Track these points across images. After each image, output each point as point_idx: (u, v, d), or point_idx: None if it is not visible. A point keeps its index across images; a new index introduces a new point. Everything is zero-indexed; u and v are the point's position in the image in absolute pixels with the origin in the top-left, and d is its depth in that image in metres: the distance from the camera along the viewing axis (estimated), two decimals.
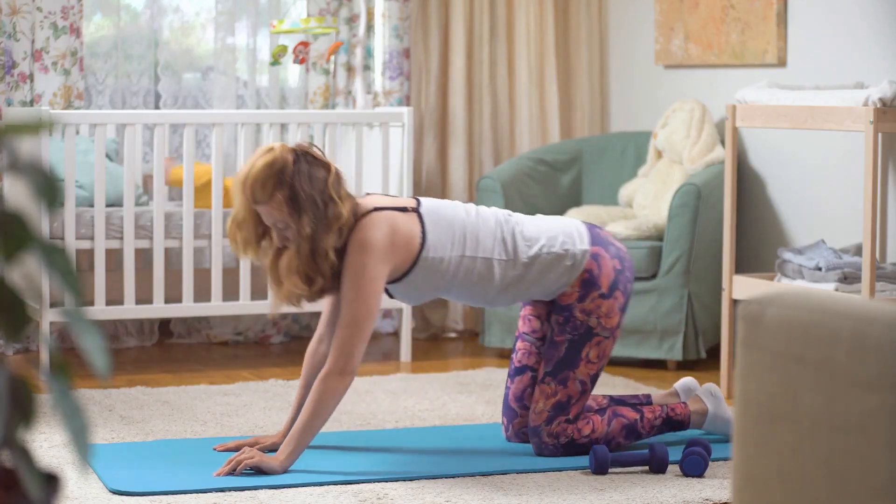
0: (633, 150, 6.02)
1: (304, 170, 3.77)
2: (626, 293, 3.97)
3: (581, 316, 3.93)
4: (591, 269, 3.93)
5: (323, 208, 3.75)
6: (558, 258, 3.91)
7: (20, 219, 1.43)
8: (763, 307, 1.95)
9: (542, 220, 4.00)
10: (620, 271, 3.96)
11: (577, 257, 3.92)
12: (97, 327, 1.49)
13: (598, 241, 3.97)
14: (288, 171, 3.74)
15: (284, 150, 3.78)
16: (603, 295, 3.92)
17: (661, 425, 4.06)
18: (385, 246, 3.77)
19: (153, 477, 3.62)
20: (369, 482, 3.63)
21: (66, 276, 1.44)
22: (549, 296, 3.99)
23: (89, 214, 5.25)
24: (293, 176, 3.74)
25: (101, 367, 1.44)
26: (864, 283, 4.48)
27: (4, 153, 1.45)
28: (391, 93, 6.19)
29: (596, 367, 3.95)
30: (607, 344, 3.95)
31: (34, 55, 5.59)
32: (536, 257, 3.90)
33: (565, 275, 3.92)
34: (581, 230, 3.98)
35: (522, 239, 3.92)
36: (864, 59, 5.12)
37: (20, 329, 1.45)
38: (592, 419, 3.98)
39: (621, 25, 6.38)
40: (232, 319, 6.00)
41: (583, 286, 3.93)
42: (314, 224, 3.73)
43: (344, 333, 3.74)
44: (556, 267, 3.91)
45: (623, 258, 4.00)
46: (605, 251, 3.96)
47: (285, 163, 3.75)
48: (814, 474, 1.83)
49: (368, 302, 3.74)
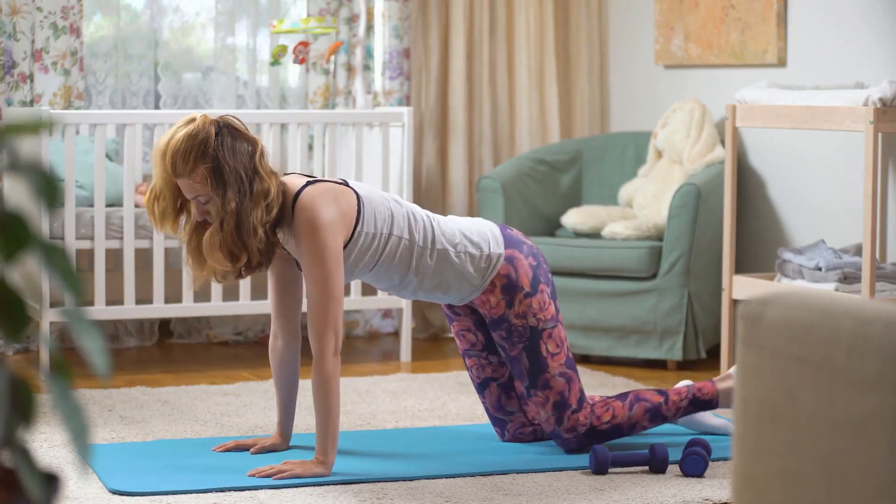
0: (633, 150, 6.02)
1: (227, 142, 3.65)
2: (549, 282, 3.96)
3: (518, 321, 3.90)
4: (509, 274, 3.89)
5: (248, 183, 3.63)
6: (472, 258, 3.86)
7: (20, 219, 1.43)
8: (763, 307, 1.95)
9: (458, 220, 3.95)
10: (537, 266, 3.93)
11: (491, 259, 3.88)
12: (97, 327, 1.49)
13: (511, 243, 3.92)
14: (210, 143, 3.63)
15: (206, 122, 3.67)
16: (528, 294, 3.90)
17: (688, 406, 4.03)
18: (335, 217, 3.67)
19: (153, 477, 3.62)
20: (369, 482, 3.62)
21: (66, 276, 1.44)
22: (462, 299, 3.93)
23: (89, 214, 5.25)
24: (216, 148, 3.63)
25: (101, 367, 1.44)
26: (864, 283, 4.48)
27: (4, 153, 1.45)
28: (391, 93, 6.19)
29: (562, 354, 3.93)
30: (557, 330, 3.93)
31: (34, 55, 5.59)
32: (451, 252, 3.84)
33: (478, 276, 3.87)
34: (496, 232, 3.93)
35: (441, 233, 3.87)
36: (864, 59, 5.12)
37: (20, 329, 1.45)
38: (612, 405, 3.97)
39: (621, 25, 6.38)
40: (232, 319, 6.00)
41: (505, 292, 3.89)
42: (239, 198, 3.62)
43: (321, 315, 3.65)
44: (468, 266, 3.86)
45: (536, 254, 3.97)
46: (520, 252, 3.92)
47: (208, 134, 3.64)
48: (813, 474, 1.83)
49: (336, 278, 3.65)
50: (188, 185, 3.65)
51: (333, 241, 3.67)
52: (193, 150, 3.63)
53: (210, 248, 3.65)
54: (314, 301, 3.66)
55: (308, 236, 3.65)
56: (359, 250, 3.76)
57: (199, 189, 3.64)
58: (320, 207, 3.66)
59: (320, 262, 3.65)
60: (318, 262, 3.65)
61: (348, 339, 6.14)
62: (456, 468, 3.77)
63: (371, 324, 6.27)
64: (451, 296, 3.93)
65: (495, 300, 3.90)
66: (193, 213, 3.71)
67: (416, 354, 5.71)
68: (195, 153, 3.63)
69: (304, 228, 3.65)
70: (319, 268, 3.65)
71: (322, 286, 3.65)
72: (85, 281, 5.34)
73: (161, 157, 3.66)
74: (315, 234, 3.65)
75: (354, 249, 3.75)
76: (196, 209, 3.69)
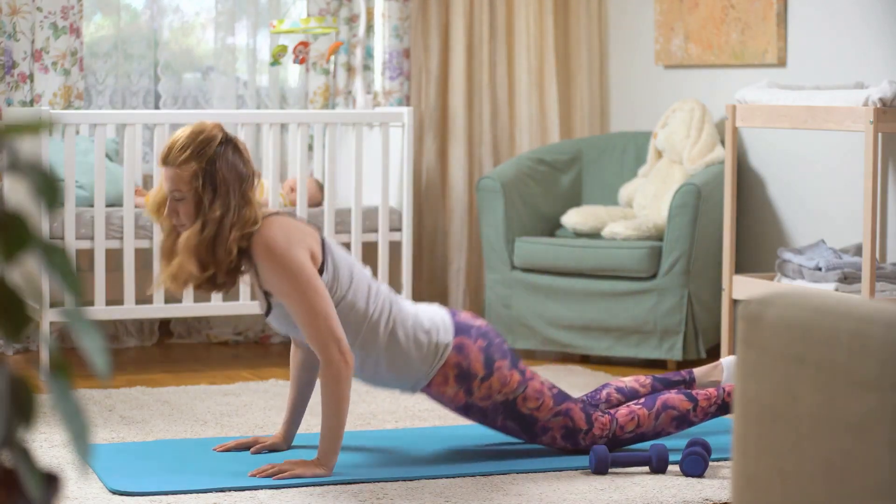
0: (633, 150, 6.02)
1: (228, 154, 3.64)
2: (506, 354, 3.85)
3: (486, 402, 3.83)
4: (459, 363, 3.79)
5: (237, 201, 3.61)
6: (419, 345, 3.76)
7: (20, 219, 1.43)
8: (763, 307, 1.95)
9: (415, 306, 3.85)
10: (488, 345, 3.83)
11: (438, 348, 3.78)
12: (97, 327, 1.49)
13: (460, 330, 3.81)
14: (212, 146, 3.62)
15: (216, 127, 3.67)
16: (484, 377, 3.80)
17: (717, 411, 3.99)
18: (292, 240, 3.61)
19: (153, 477, 3.62)
20: (369, 482, 3.62)
21: (66, 276, 1.44)
22: (404, 385, 3.82)
23: (89, 214, 5.25)
24: (216, 153, 3.62)
25: (101, 367, 1.44)
26: (864, 283, 4.48)
27: (4, 153, 1.45)
28: (391, 93, 6.19)
29: (546, 400, 3.85)
30: (531, 387, 3.85)
31: (34, 55, 5.59)
32: (400, 335, 3.74)
33: (424, 364, 3.77)
34: (446, 320, 3.81)
35: (397, 311, 3.76)
36: (864, 59, 5.12)
37: (20, 329, 1.45)
38: (637, 413, 3.92)
39: (621, 25, 6.38)
40: (232, 319, 6.00)
41: (460, 381, 3.80)
42: (223, 210, 3.59)
43: (313, 335, 3.60)
44: (414, 352, 3.76)
45: (486, 332, 3.85)
46: (468, 337, 3.81)
47: (212, 137, 3.64)
48: (813, 474, 1.83)
49: (313, 293, 3.59)
50: (173, 175, 3.63)
51: (296, 257, 3.60)
52: (192, 145, 3.62)
53: (185, 248, 3.61)
54: (302, 323, 3.62)
55: (268, 264, 3.60)
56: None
57: (181, 184, 3.61)
58: (275, 231, 3.61)
59: (289, 283, 3.59)
60: (287, 282, 3.60)
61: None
62: (456, 468, 3.76)
63: None
64: (394, 383, 3.83)
65: (452, 391, 3.81)
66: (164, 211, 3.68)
67: None
68: (193, 148, 3.62)
69: (263, 258, 3.60)
70: (291, 288, 3.59)
71: (300, 303, 3.60)
72: (85, 281, 5.34)
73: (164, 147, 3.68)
74: (272, 258, 3.59)
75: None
76: (168, 205, 3.66)
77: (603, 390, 4.10)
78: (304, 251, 3.62)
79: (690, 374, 4.18)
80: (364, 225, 5.61)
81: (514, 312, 5.62)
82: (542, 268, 5.57)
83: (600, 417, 3.91)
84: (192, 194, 3.61)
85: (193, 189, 3.61)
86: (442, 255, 6.24)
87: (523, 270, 5.63)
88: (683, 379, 4.16)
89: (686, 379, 4.16)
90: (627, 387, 4.11)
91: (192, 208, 3.62)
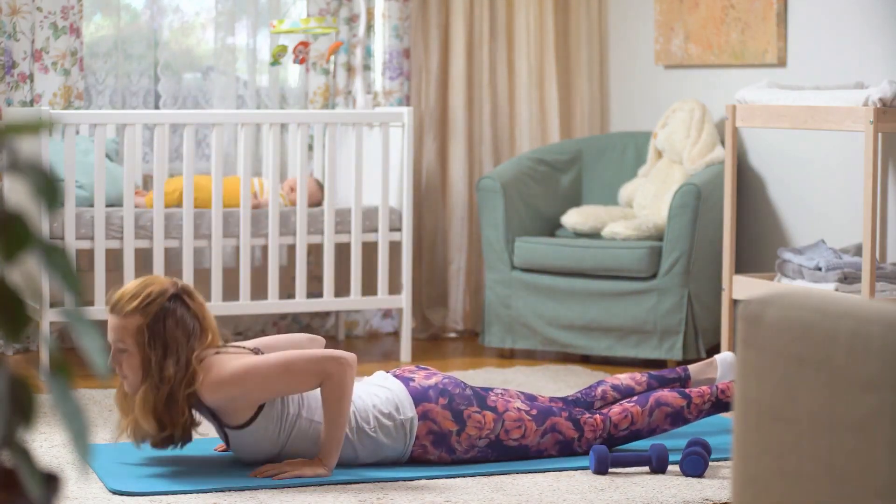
0: (633, 150, 6.02)
1: (177, 310, 3.57)
2: (471, 399, 3.82)
3: (473, 453, 3.81)
4: (431, 429, 3.77)
5: (186, 358, 3.55)
6: (385, 430, 3.73)
7: (20, 219, 1.43)
8: (763, 307, 1.95)
9: (371, 394, 3.79)
10: (450, 402, 3.80)
11: (405, 426, 3.76)
12: (97, 327, 1.49)
13: (419, 399, 3.79)
14: (159, 301, 3.55)
15: (166, 282, 3.60)
16: (459, 431, 3.79)
17: (711, 409, 3.99)
18: (224, 365, 3.56)
19: (153, 477, 3.62)
20: (369, 482, 3.62)
21: (66, 276, 1.44)
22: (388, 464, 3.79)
23: (89, 214, 5.25)
24: (164, 308, 3.55)
25: (101, 367, 1.44)
26: (864, 283, 4.48)
27: (4, 153, 1.45)
28: (391, 93, 6.19)
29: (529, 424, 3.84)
30: (508, 418, 3.83)
31: (34, 55, 5.59)
32: (364, 427, 3.72)
33: (398, 444, 3.75)
34: (402, 396, 3.78)
35: (357, 407, 3.73)
36: (864, 59, 5.12)
37: (20, 329, 1.45)
38: (631, 411, 3.92)
39: (621, 25, 6.38)
40: (232, 319, 5.99)
41: (438, 445, 3.79)
42: (176, 370, 3.54)
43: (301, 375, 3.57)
44: (384, 438, 3.73)
45: (444, 388, 3.82)
46: (428, 401, 3.79)
47: (161, 291, 3.56)
48: (814, 474, 1.83)
49: (266, 365, 3.56)
50: (118, 324, 3.56)
51: (239, 368, 3.55)
52: (140, 297, 3.55)
53: (142, 408, 3.55)
54: (288, 384, 3.59)
55: (219, 393, 3.54)
56: (265, 422, 3.64)
57: (126, 336, 3.55)
58: (214, 372, 3.55)
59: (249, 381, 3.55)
60: (247, 385, 3.55)
61: (348, 338, 6.14)
62: (456, 468, 3.76)
63: (371, 324, 6.27)
64: (376, 463, 3.79)
65: (435, 456, 3.80)
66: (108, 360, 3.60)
67: (416, 354, 5.71)
68: (140, 300, 3.55)
69: (212, 393, 3.54)
70: (253, 384, 3.55)
71: (275, 380, 3.56)
72: (85, 281, 5.34)
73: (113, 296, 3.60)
74: (223, 387, 3.54)
75: (263, 422, 3.63)
76: (112, 355, 3.59)
77: (598, 387, 4.10)
78: (244, 367, 3.57)
79: (686, 372, 4.18)
80: (364, 225, 5.61)
81: (514, 312, 5.62)
82: (542, 268, 5.57)
83: (589, 420, 3.91)
84: (136, 349, 3.55)
85: (138, 344, 3.55)
86: (442, 255, 6.24)
87: (523, 270, 5.63)
88: (679, 376, 4.16)
89: (681, 376, 4.16)
90: (623, 384, 4.11)
91: (137, 362, 3.56)
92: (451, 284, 6.22)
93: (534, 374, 5.22)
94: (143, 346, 3.54)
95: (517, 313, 5.61)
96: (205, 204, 5.44)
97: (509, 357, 5.68)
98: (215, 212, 5.34)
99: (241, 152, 5.39)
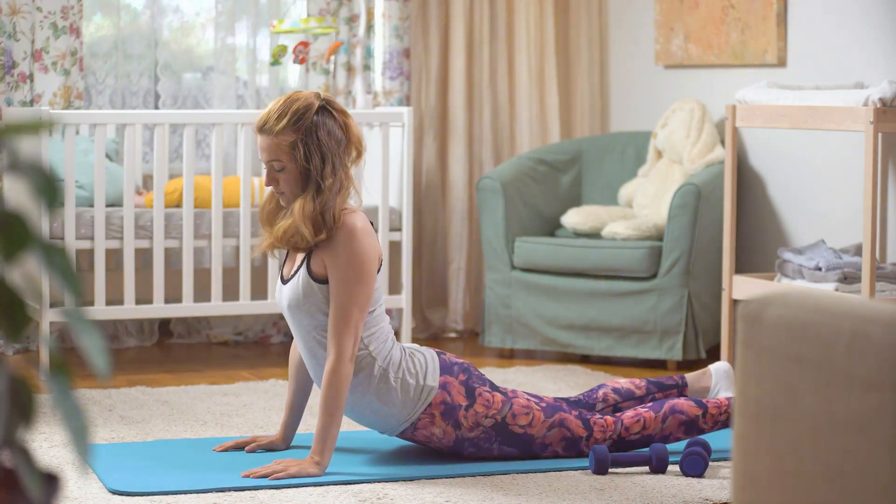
0: (633, 150, 6.02)
1: (326, 122, 3.66)
2: (484, 381, 3.85)
3: (478, 432, 3.81)
4: (444, 400, 3.77)
5: (341, 167, 3.66)
6: (405, 386, 3.75)
7: (20, 219, 1.43)
8: (763, 307, 1.95)
9: (406, 348, 3.83)
10: (468, 378, 3.82)
11: (424, 391, 3.76)
12: (97, 327, 1.49)
13: (444, 370, 3.80)
14: (308, 115, 3.64)
15: (311, 95, 3.69)
16: (468, 406, 3.79)
17: (727, 421, 3.91)
18: (370, 235, 3.68)
19: (153, 477, 3.62)
20: (369, 482, 3.62)
21: (66, 276, 1.44)
22: (383, 425, 3.82)
23: (89, 214, 5.25)
24: (314, 122, 3.64)
25: (101, 367, 1.44)
26: (864, 283, 4.49)
27: (4, 153, 1.45)
28: (391, 93, 6.19)
29: (537, 414, 3.83)
30: (517, 403, 3.84)
31: (34, 55, 5.59)
32: (389, 373, 3.73)
33: (406, 408, 3.76)
34: (432, 366, 3.79)
35: (395, 351, 3.77)
36: (864, 59, 5.12)
37: (20, 329, 1.45)
38: (644, 416, 3.88)
39: (621, 25, 6.38)
40: (232, 319, 6.00)
41: (446, 417, 3.78)
42: (333, 178, 3.64)
43: (343, 318, 3.62)
44: (400, 394, 3.74)
45: (466, 367, 3.85)
46: (451, 375, 3.79)
47: (307, 105, 3.65)
48: (813, 474, 1.83)
49: (365, 286, 3.65)
50: (271, 144, 3.65)
51: (369, 252, 3.66)
52: (289, 114, 3.64)
53: (302, 214, 3.63)
54: (339, 304, 3.63)
55: (348, 241, 3.63)
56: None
57: (281, 154, 3.64)
58: (364, 223, 3.67)
59: (353, 266, 3.63)
60: (351, 265, 3.63)
61: None
62: (456, 468, 3.76)
63: None
64: (372, 420, 3.82)
65: (440, 430, 3.79)
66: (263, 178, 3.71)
67: None
68: (290, 117, 3.63)
69: (347, 230, 3.64)
70: (352, 270, 3.63)
71: (350, 289, 3.63)
72: (85, 281, 5.34)
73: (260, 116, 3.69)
74: (354, 240, 3.64)
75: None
76: (267, 173, 3.68)
77: (599, 390, 4.09)
78: (375, 252, 3.69)
79: (683, 379, 4.16)
80: None
81: (513, 312, 5.62)
82: (542, 268, 5.57)
83: (599, 420, 3.89)
84: (293, 164, 3.64)
85: (294, 159, 3.63)
86: (442, 254, 6.24)
87: (523, 270, 5.63)
88: (676, 383, 4.14)
89: (678, 383, 4.14)
90: (623, 388, 4.10)
91: (295, 178, 3.66)
92: (451, 284, 6.23)
93: (534, 374, 5.22)
94: (299, 160, 3.62)
95: (517, 313, 5.61)
96: (205, 204, 5.44)
97: (509, 357, 5.68)
98: (215, 212, 5.34)
99: (241, 152, 5.39)
